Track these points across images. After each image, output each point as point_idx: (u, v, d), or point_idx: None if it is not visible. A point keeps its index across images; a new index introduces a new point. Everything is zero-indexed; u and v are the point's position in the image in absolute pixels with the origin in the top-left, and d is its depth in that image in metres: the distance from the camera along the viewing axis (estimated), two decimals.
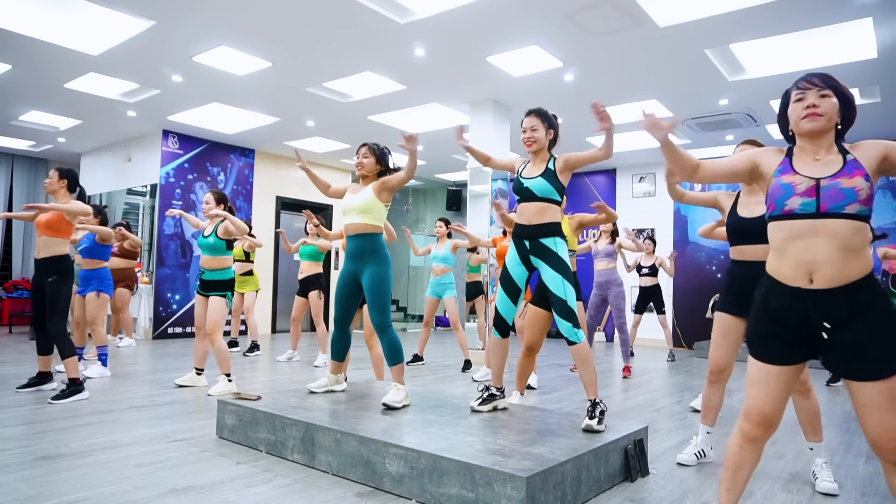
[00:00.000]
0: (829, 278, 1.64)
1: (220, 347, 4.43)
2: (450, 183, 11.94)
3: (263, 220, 9.64)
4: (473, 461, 2.27)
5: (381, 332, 3.32)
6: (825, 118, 1.73)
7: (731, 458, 1.85)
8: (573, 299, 2.93)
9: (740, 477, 1.83)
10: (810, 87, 1.76)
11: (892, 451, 1.62)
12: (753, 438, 1.80)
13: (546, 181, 2.99)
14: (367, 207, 3.35)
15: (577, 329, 2.90)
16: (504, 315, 3.12)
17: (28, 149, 9.88)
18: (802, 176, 1.71)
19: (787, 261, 1.70)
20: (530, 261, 3.05)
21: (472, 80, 6.24)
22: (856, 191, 1.63)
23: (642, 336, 9.04)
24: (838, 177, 1.66)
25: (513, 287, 3.09)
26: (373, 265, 3.33)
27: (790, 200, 1.69)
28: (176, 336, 8.50)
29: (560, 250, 2.98)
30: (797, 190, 1.69)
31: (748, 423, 1.80)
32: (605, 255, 5.87)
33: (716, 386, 2.91)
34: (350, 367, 5.61)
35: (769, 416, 1.77)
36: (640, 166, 9.86)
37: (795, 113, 1.78)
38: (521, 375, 3.84)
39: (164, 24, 5.03)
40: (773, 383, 1.75)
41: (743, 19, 4.64)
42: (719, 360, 2.84)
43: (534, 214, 3.01)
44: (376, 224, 3.39)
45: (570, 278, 2.96)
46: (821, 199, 1.65)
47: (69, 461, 2.79)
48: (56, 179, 4.26)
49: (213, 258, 4.53)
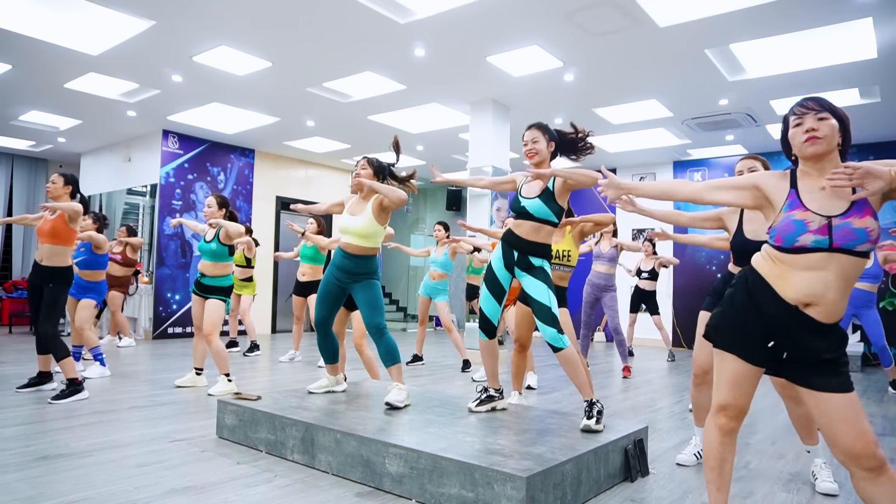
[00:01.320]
0: (826, 314, 1.71)
1: (217, 348, 4.43)
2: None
3: (263, 220, 9.64)
4: (473, 461, 2.27)
5: (377, 335, 3.33)
6: (825, 141, 1.74)
7: (714, 455, 1.88)
8: (556, 306, 2.93)
9: (726, 471, 1.88)
10: (807, 111, 1.77)
11: (870, 455, 1.65)
12: (731, 431, 1.87)
13: (543, 204, 2.97)
14: (367, 233, 3.36)
15: (561, 335, 2.88)
16: (489, 316, 3.12)
17: (28, 149, 9.88)
18: (814, 213, 1.71)
19: (790, 284, 1.73)
20: (514, 270, 3.06)
21: (472, 80, 6.24)
22: (867, 231, 1.66)
23: (642, 336, 9.03)
24: (849, 216, 1.68)
25: (498, 288, 3.09)
26: (366, 282, 3.37)
27: (802, 237, 1.70)
28: (176, 336, 8.50)
29: (546, 269, 3.01)
30: (809, 228, 1.70)
31: (725, 418, 1.85)
32: (608, 260, 5.86)
33: (701, 388, 2.90)
34: (349, 367, 5.61)
35: (744, 409, 1.86)
36: (641, 166, 9.85)
37: (797, 138, 1.79)
38: (516, 374, 3.84)
39: (164, 24, 5.03)
40: (750, 382, 1.82)
41: (743, 19, 4.64)
42: (704, 362, 2.84)
43: (529, 231, 3.01)
44: (374, 247, 3.42)
45: (553, 287, 2.98)
46: (833, 238, 1.67)
47: (69, 461, 2.79)
48: (62, 185, 4.28)
49: (215, 265, 4.54)
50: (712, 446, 1.88)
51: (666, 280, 9.11)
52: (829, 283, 1.68)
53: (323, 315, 3.47)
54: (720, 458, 1.87)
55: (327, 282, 3.43)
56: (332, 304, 3.46)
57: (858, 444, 1.66)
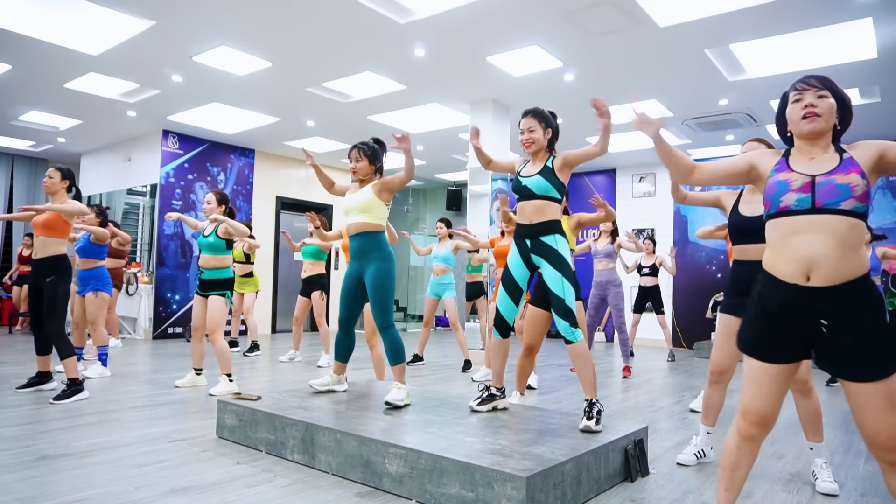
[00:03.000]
0: (827, 276, 1.64)
1: (220, 347, 4.43)
2: (450, 183, 11.94)
3: (263, 220, 9.64)
4: (473, 461, 2.27)
5: (383, 331, 3.32)
6: (823, 119, 1.74)
7: (729, 457, 1.85)
8: (572, 298, 2.91)
9: (738, 476, 1.83)
10: (808, 87, 1.77)
11: (891, 450, 1.62)
12: (751, 437, 1.80)
13: (544, 179, 2.97)
14: (367, 206, 3.35)
15: (574, 328, 2.88)
16: (505, 315, 3.11)
17: (28, 149, 9.88)
18: (798, 173, 1.72)
19: (784, 258, 1.71)
20: (532, 260, 3.03)
21: (472, 80, 6.24)
22: (851, 186, 1.63)
23: (642, 336, 9.04)
24: (834, 173, 1.67)
25: (514, 287, 3.08)
26: (376, 262, 3.32)
27: (785, 197, 1.70)
28: (176, 336, 8.50)
29: (561, 248, 2.97)
30: (792, 186, 1.70)
31: (745, 422, 1.80)
32: (605, 256, 5.86)
33: (716, 387, 2.90)
34: (350, 367, 5.61)
35: (766, 416, 1.77)
36: (641, 166, 9.86)
37: (794, 113, 1.79)
38: (520, 376, 3.84)
39: (164, 24, 5.03)
40: (769, 383, 1.76)
41: (743, 19, 4.64)
42: (721, 362, 2.83)
43: (533, 213, 2.99)
44: (378, 222, 3.39)
45: (571, 277, 2.95)
46: (816, 195, 1.66)
47: (69, 461, 2.79)
48: (59, 180, 4.25)
49: (213, 257, 4.53)
50: (728, 448, 1.85)
51: (666, 280, 9.11)
52: (819, 243, 1.63)
53: (345, 313, 3.47)
54: (734, 461, 1.83)
55: (347, 279, 3.43)
56: (354, 302, 3.44)
57: (880, 435, 1.61)
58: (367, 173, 3.45)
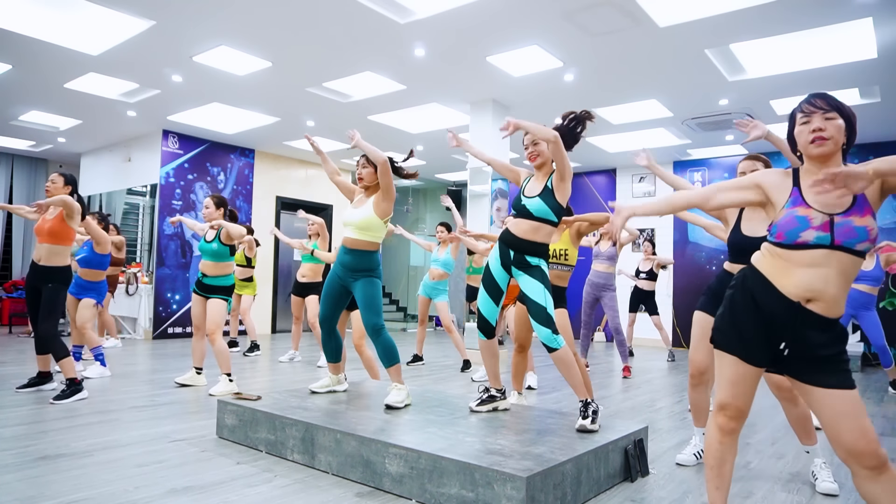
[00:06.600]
0: (826, 308, 1.72)
1: (220, 347, 4.43)
2: (450, 183, 11.94)
3: (263, 220, 9.63)
4: (473, 461, 2.27)
5: (375, 335, 3.32)
6: (832, 142, 1.75)
7: (713, 454, 1.89)
8: (552, 307, 2.90)
9: (725, 471, 1.89)
10: (815, 110, 1.77)
11: (871, 453, 1.66)
12: (731, 431, 1.87)
13: (543, 202, 2.93)
14: (366, 225, 3.35)
15: (556, 335, 2.85)
16: (487, 316, 3.09)
17: (28, 149, 9.88)
18: (816, 211, 1.72)
19: (793, 281, 1.74)
20: (510, 269, 3.03)
21: (472, 80, 6.24)
22: (867, 230, 1.68)
23: (642, 336, 9.03)
24: (850, 214, 1.70)
25: (495, 288, 3.07)
26: (365, 281, 3.34)
27: (805, 233, 1.72)
28: (176, 336, 8.50)
29: (543, 267, 2.97)
30: (812, 224, 1.71)
31: (725, 417, 1.87)
32: (607, 258, 5.86)
33: (698, 388, 2.89)
34: (349, 367, 5.61)
35: (744, 410, 1.87)
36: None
37: (803, 137, 1.79)
38: (516, 374, 3.84)
39: (164, 24, 5.02)
40: (749, 382, 1.83)
41: (743, 19, 4.64)
42: (700, 362, 2.83)
43: (528, 230, 2.96)
44: (375, 241, 3.40)
45: (550, 288, 2.95)
46: (835, 235, 1.69)
47: (69, 461, 2.79)
48: (61, 185, 4.28)
49: (216, 265, 4.55)
50: (712, 446, 1.90)
51: (666, 280, 9.11)
52: (830, 279, 1.70)
53: (326, 313, 3.46)
54: (719, 457, 1.88)
55: (331, 280, 3.44)
56: (336, 303, 3.44)
57: (860, 441, 1.66)
58: (372, 180, 3.44)
